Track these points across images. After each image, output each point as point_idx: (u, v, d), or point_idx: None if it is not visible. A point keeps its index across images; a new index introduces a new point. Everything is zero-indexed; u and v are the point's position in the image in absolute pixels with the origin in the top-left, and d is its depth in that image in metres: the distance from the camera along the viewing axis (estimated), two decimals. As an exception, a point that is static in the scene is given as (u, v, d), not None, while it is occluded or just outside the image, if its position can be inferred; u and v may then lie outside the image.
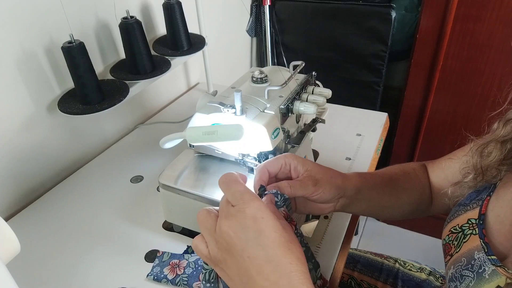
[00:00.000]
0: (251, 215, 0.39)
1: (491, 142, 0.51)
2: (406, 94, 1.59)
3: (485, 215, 0.49)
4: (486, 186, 0.52)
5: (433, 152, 1.67)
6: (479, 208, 0.50)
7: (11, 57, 0.77)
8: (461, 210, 0.53)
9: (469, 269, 0.47)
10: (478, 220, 0.49)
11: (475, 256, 0.47)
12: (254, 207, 0.40)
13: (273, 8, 1.67)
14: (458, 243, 0.50)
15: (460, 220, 0.52)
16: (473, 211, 0.51)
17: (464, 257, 0.48)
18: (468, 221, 0.50)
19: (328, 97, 0.75)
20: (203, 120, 0.67)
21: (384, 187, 0.63)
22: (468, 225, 0.50)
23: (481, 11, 1.30)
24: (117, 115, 1.07)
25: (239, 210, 0.40)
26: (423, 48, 1.47)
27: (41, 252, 0.73)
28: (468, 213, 0.51)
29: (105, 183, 0.90)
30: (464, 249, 0.49)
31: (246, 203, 0.40)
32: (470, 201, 0.53)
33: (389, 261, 0.83)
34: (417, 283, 0.77)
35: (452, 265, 0.50)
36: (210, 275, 0.48)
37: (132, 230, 0.77)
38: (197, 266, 0.64)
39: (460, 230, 0.51)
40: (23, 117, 0.82)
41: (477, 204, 0.51)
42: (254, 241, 0.38)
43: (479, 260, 0.46)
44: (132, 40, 0.89)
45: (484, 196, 0.51)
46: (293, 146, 0.75)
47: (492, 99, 1.43)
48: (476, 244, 0.47)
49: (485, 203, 0.50)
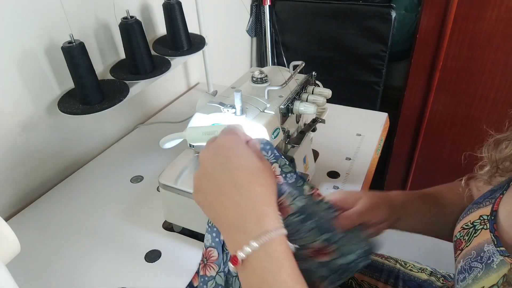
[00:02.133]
0: (222, 144, 0.44)
1: (508, 137, 0.53)
2: (406, 94, 1.59)
3: (497, 211, 0.50)
4: (500, 185, 0.53)
5: (433, 152, 1.67)
6: (491, 205, 0.51)
7: (11, 57, 0.77)
8: (473, 208, 0.55)
9: (478, 261, 0.47)
10: (490, 216, 0.50)
11: (485, 249, 0.47)
12: (227, 138, 0.45)
13: (273, 8, 1.67)
14: (468, 238, 0.52)
15: (472, 217, 0.53)
16: (485, 208, 0.52)
17: (474, 250, 0.49)
18: (480, 217, 0.52)
19: (328, 97, 0.75)
20: (203, 120, 0.67)
21: (429, 202, 0.65)
22: (480, 221, 0.51)
23: (481, 11, 1.30)
24: (117, 115, 1.07)
25: (215, 140, 0.45)
26: (423, 48, 1.47)
27: (41, 252, 0.73)
28: (480, 210, 0.53)
29: (105, 183, 0.90)
30: (475, 243, 0.50)
31: (222, 135, 0.46)
32: (483, 200, 0.54)
33: (390, 261, 0.82)
34: (418, 283, 0.76)
35: (462, 259, 0.51)
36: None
37: (132, 230, 0.77)
38: None
39: (471, 226, 0.52)
40: (23, 117, 0.82)
41: (490, 202, 0.52)
42: (221, 166, 0.42)
43: (488, 252, 0.47)
44: (132, 40, 0.89)
45: (497, 194, 0.52)
46: (293, 146, 0.75)
47: (492, 99, 1.43)
48: (486, 238, 0.48)
49: (498, 201, 0.51)
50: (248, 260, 0.37)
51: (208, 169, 0.43)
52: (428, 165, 1.72)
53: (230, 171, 0.42)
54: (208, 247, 0.52)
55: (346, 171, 0.89)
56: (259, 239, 0.37)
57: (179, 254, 0.72)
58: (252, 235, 0.37)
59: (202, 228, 0.73)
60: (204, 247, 0.52)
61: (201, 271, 0.53)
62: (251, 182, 0.41)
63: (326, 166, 0.90)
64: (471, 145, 0.57)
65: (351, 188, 0.84)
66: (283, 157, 0.52)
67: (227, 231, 0.41)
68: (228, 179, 0.41)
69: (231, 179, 0.41)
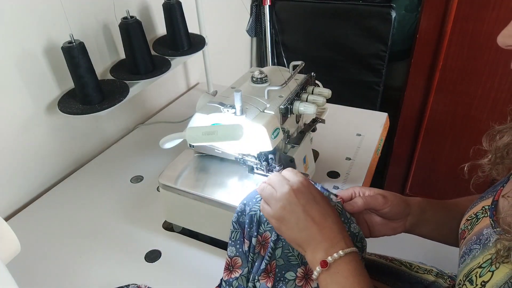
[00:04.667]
0: (306, 184, 0.56)
1: (507, 127, 0.57)
2: (406, 94, 1.59)
3: (497, 201, 0.54)
4: (501, 180, 0.57)
5: (433, 152, 1.67)
6: (493, 197, 0.55)
7: (11, 57, 0.77)
8: (477, 202, 0.58)
9: (477, 243, 0.52)
10: (491, 205, 0.54)
11: (484, 232, 0.51)
12: (305, 180, 0.57)
13: (273, 8, 1.67)
14: (471, 227, 0.55)
15: (476, 209, 0.57)
16: (487, 199, 0.56)
17: (474, 235, 0.53)
18: (482, 208, 0.56)
19: (328, 97, 0.75)
20: (203, 120, 0.67)
21: (449, 210, 0.67)
22: (482, 211, 0.55)
23: (481, 11, 1.30)
24: (117, 115, 1.07)
25: (297, 181, 0.56)
26: (423, 48, 1.47)
27: (41, 252, 0.73)
28: (483, 202, 0.57)
29: (105, 183, 0.90)
30: (476, 229, 0.54)
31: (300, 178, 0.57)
32: (486, 194, 0.58)
33: (394, 263, 0.81)
34: (425, 285, 0.75)
35: (464, 245, 0.54)
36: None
37: (132, 230, 0.77)
38: None
39: (474, 217, 0.56)
40: (23, 117, 0.82)
41: (492, 194, 0.56)
42: (311, 200, 0.54)
43: (487, 235, 0.51)
44: (132, 40, 0.89)
45: (499, 187, 0.56)
46: (293, 146, 0.75)
47: (492, 99, 1.43)
48: (486, 223, 0.52)
49: (499, 192, 0.55)
50: (335, 264, 0.50)
51: (298, 204, 0.54)
52: (428, 165, 1.72)
53: (320, 204, 0.54)
54: (233, 257, 0.63)
55: (346, 171, 0.89)
56: (344, 251, 0.51)
57: (179, 254, 0.72)
58: (339, 248, 0.51)
59: (202, 228, 0.73)
60: (229, 257, 0.63)
61: (226, 277, 0.63)
62: (334, 214, 0.55)
63: (326, 166, 0.90)
64: (471, 145, 0.58)
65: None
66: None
67: (318, 246, 0.52)
68: (317, 209, 0.54)
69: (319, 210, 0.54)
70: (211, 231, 0.72)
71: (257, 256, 0.61)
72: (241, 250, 0.62)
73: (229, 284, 0.63)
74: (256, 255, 0.61)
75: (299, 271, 0.59)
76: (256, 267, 0.60)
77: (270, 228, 0.59)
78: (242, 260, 0.63)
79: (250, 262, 0.62)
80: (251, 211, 0.60)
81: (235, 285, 0.62)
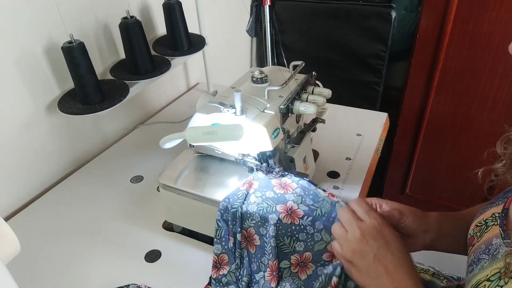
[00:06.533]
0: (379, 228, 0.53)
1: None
2: (406, 94, 1.59)
3: (508, 209, 0.53)
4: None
5: (433, 152, 1.67)
6: (503, 204, 0.54)
7: (11, 57, 0.77)
8: (487, 207, 0.58)
9: (486, 253, 0.51)
10: (501, 213, 0.53)
11: (493, 242, 0.51)
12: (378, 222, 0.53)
13: (273, 8, 1.67)
14: (480, 234, 0.55)
15: (485, 215, 0.56)
16: (498, 206, 0.55)
17: (483, 244, 0.53)
18: (492, 215, 0.55)
19: (328, 97, 0.75)
20: (203, 120, 0.67)
21: (465, 221, 0.66)
22: (492, 218, 0.55)
23: (481, 11, 1.30)
24: (117, 115, 1.07)
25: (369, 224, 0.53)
26: (423, 48, 1.47)
27: (41, 252, 0.73)
28: (493, 209, 0.56)
29: (105, 183, 0.90)
30: (485, 238, 0.53)
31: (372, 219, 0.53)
32: (497, 199, 0.57)
33: None
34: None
35: (473, 253, 0.54)
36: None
37: (132, 230, 0.77)
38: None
39: (483, 223, 0.55)
40: (23, 117, 0.82)
41: (503, 201, 0.55)
42: (383, 248, 0.51)
43: (496, 245, 0.50)
44: (132, 40, 0.89)
45: (510, 193, 0.55)
46: (293, 146, 0.75)
47: (492, 99, 1.43)
48: (496, 232, 0.52)
49: (510, 200, 0.54)
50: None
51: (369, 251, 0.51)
52: (428, 165, 1.72)
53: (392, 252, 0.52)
54: (219, 254, 0.64)
55: (346, 171, 0.89)
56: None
57: (179, 254, 0.72)
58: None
59: (202, 228, 0.73)
60: (216, 255, 0.63)
61: (215, 275, 0.63)
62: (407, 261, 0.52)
63: (326, 166, 0.90)
64: (471, 145, 0.58)
65: (351, 188, 0.84)
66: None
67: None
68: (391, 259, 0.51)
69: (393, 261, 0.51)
70: (211, 231, 0.72)
71: (244, 251, 0.63)
72: (226, 247, 0.63)
73: (219, 281, 0.63)
74: (242, 250, 0.63)
75: (293, 258, 0.60)
76: (247, 263, 0.63)
77: (254, 224, 0.61)
78: (229, 256, 0.64)
79: (238, 257, 0.63)
80: (233, 208, 0.62)
81: (224, 281, 0.63)
